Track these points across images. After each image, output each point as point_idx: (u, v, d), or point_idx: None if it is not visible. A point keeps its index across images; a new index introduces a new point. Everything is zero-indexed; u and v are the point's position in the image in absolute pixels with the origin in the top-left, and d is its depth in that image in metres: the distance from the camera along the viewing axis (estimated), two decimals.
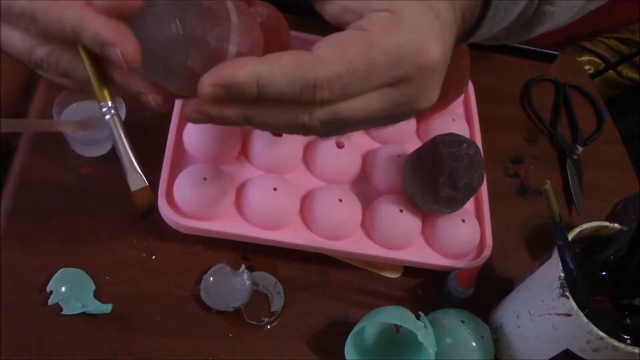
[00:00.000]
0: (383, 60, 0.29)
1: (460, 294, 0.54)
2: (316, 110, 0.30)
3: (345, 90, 0.29)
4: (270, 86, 0.28)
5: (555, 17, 0.38)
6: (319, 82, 0.28)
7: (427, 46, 0.30)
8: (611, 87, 1.11)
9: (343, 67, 0.28)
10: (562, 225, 0.45)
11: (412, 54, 0.30)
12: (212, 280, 0.51)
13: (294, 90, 0.28)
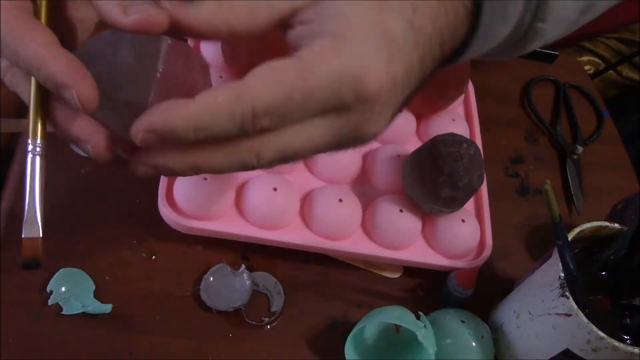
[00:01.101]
0: (318, 88, 0.28)
1: (460, 294, 0.54)
2: (262, 151, 0.30)
3: (284, 118, 0.29)
4: (210, 126, 0.28)
5: (548, 34, 0.37)
6: (257, 111, 0.28)
7: (368, 75, 0.29)
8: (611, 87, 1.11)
9: (279, 97, 0.28)
10: (562, 225, 0.45)
11: (350, 82, 0.29)
12: (212, 280, 0.51)
13: (235, 123, 0.28)
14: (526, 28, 0.36)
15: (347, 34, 0.29)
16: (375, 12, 0.30)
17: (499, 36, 0.36)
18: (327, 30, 0.29)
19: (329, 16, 0.29)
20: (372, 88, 0.29)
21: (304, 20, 0.30)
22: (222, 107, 0.27)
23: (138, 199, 0.55)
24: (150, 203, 0.52)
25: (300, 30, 0.30)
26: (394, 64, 0.30)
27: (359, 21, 0.29)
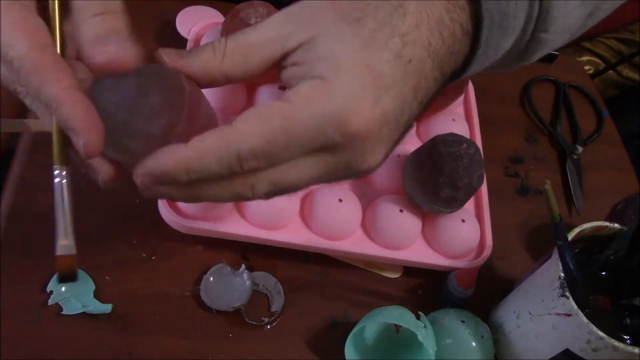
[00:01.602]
0: (302, 130, 0.29)
1: (460, 294, 0.54)
2: (256, 184, 0.31)
3: (271, 158, 0.30)
4: (200, 170, 0.30)
5: (552, 43, 0.38)
6: (243, 155, 0.29)
7: (352, 115, 0.30)
8: (611, 87, 1.11)
9: (263, 139, 0.29)
10: (562, 225, 0.45)
11: (335, 123, 0.30)
12: (212, 280, 0.51)
13: (223, 166, 0.30)
14: (529, 39, 0.36)
15: (333, 75, 0.30)
16: (362, 51, 0.30)
17: (502, 49, 0.36)
18: (315, 73, 0.30)
19: (317, 58, 0.30)
20: (358, 127, 0.30)
21: (295, 61, 0.31)
22: (211, 152, 0.29)
23: (138, 199, 0.55)
24: (150, 203, 0.52)
25: (291, 71, 0.32)
26: (382, 99, 0.31)
27: (344, 62, 0.30)
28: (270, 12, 0.55)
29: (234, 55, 0.32)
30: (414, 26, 0.32)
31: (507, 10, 0.34)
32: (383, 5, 0.31)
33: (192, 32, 0.62)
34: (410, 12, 0.32)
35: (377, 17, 0.31)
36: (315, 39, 0.31)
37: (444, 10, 0.33)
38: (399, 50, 0.31)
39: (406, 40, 0.31)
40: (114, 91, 0.31)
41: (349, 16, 0.31)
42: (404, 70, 0.31)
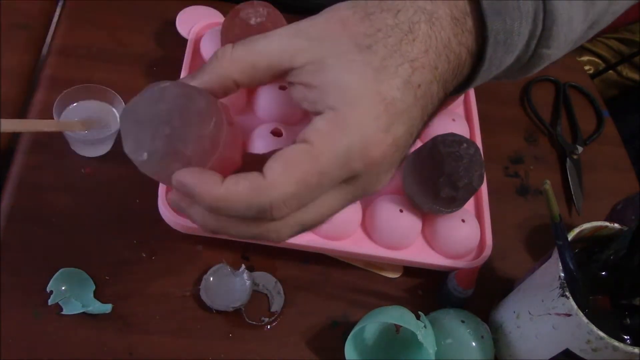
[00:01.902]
0: (330, 168, 0.31)
1: (460, 294, 0.54)
2: (283, 228, 0.32)
3: (301, 202, 0.31)
4: (228, 210, 0.31)
5: (553, 57, 0.38)
6: (274, 204, 0.30)
7: (371, 144, 0.31)
8: (611, 87, 1.11)
9: (295, 187, 0.30)
10: (562, 225, 0.45)
11: (357, 155, 0.31)
12: (212, 280, 0.51)
13: (251, 213, 0.31)
14: (531, 54, 0.37)
15: (346, 107, 0.31)
16: (373, 80, 0.31)
17: (504, 65, 0.36)
18: (328, 102, 0.31)
19: (328, 85, 0.31)
20: (375, 155, 0.31)
21: (305, 82, 0.32)
22: (241, 199, 0.30)
23: (138, 199, 0.55)
24: (150, 203, 0.52)
25: (302, 92, 0.32)
26: (394, 126, 0.32)
27: (357, 92, 0.31)
28: (270, 12, 0.55)
29: (242, 61, 0.33)
30: (423, 51, 0.32)
31: (512, 29, 0.34)
32: (393, 31, 0.32)
33: (192, 32, 0.62)
34: (419, 38, 0.32)
35: (387, 44, 0.31)
36: (325, 62, 0.31)
37: (452, 34, 0.33)
38: (408, 76, 0.32)
39: (415, 65, 0.32)
40: (162, 100, 0.32)
41: (360, 43, 0.31)
42: (414, 95, 0.32)
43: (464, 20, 0.34)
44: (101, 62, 0.63)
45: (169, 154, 0.31)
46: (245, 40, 0.33)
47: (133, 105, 0.32)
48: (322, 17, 0.33)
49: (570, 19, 0.36)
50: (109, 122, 0.55)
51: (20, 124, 0.52)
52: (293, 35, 0.32)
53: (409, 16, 0.32)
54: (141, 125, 0.32)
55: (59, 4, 0.69)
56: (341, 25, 0.32)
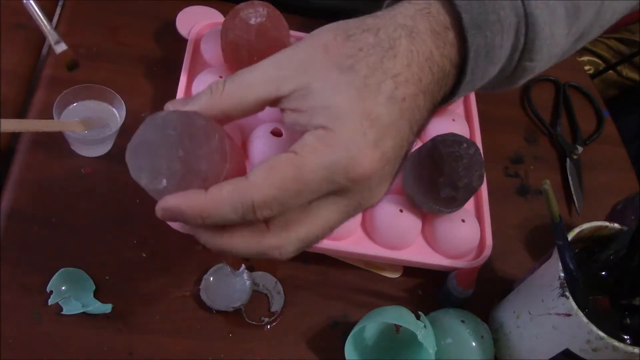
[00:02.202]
0: (312, 178, 0.31)
1: (460, 294, 0.54)
2: (285, 246, 0.33)
3: (283, 206, 0.32)
4: (215, 215, 0.32)
5: (537, 69, 0.39)
6: (256, 205, 0.31)
7: (356, 161, 0.32)
8: (611, 87, 1.11)
9: (276, 190, 0.31)
10: (562, 225, 0.45)
11: (342, 171, 0.32)
12: (212, 280, 0.51)
13: (237, 215, 0.32)
14: (515, 66, 0.38)
15: (334, 125, 0.32)
16: (357, 98, 0.32)
17: (488, 76, 0.37)
18: (316, 122, 0.32)
19: (316, 107, 0.32)
20: (363, 171, 0.32)
21: (295, 108, 0.33)
22: (226, 201, 0.32)
23: (138, 199, 0.55)
24: (150, 203, 0.52)
25: (292, 117, 0.34)
26: (381, 141, 0.33)
27: (343, 111, 0.32)
28: (270, 12, 0.55)
29: (232, 96, 0.34)
30: (405, 65, 0.33)
31: (494, 43, 0.35)
32: (375, 49, 0.33)
33: (192, 32, 0.62)
34: (401, 53, 0.33)
35: (368, 63, 0.32)
36: (310, 87, 0.32)
37: (434, 46, 0.34)
38: (392, 91, 0.33)
39: (398, 80, 0.33)
40: (167, 127, 0.33)
41: (342, 64, 0.32)
42: (399, 108, 0.33)
43: (444, 33, 0.35)
44: (101, 62, 0.63)
45: (186, 175, 0.32)
46: (235, 76, 0.34)
47: (138, 140, 0.33)
48: (304, 44, 0.34)
49: (552, 34, 0.37)
50: (109, 122, 0.55)
51: (20, 124, 0.52)
52: (277, 65, 0.34)
53: (389, 33, 0.33)
54: (154, 155, 0.32)
55: (59, 4, 0.69)
56: (323, 49, 0.33)
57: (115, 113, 0.56)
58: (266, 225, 0.33)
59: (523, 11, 0.35)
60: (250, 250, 0.34)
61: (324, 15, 0.49)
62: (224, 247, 0.34)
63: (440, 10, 0.35)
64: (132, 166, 0.33)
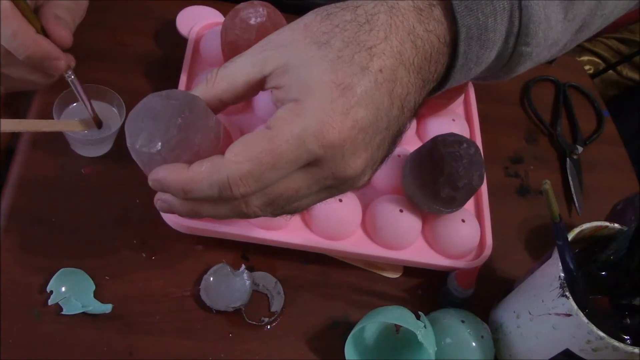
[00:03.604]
0: (286, 149, 0.32)
1: (460, 294, 0.54)
2: (250, 199, 0.34)
3: (259, 181, 0.33)
4: (194, 191, 0.34)
5: (535, 57, 0.39)
6: (232, 181, 0.33)
7: (326, 127, 0.32)
8: (611, 87, 1.11)
9: (250, 164, 0.32)
10: (562, 225, 0.45)
11: (312, 137, 0.32)
12: (212, 280, 0.51)
13: (214, 191, 0.33)
14: (511, 52, 0.38)
15: (305, 96, 0.33)
16: (329, 70, 0.33)
17: (483, 62, 0.37)
18: (290, 96, 0.33)
19: (291, 82, 0.34)
20: (333, 137, 0.32)
21: (275, 85, 0.35)
22: (203, 177, 0.33)
23: (138, 199, 0.55)
24: (150, 203, 0.52)
25: (275, 94, 0.35)
26: (352, 110, 0.33)
27: (313, 82, 0.33)
28: (270, 12, 0.55)
29: (222, 82, 0.36)
30: (382, 38, 0.34)
31: (486, 25, 0.35)
32: (350, 25, 0.34)
33: (192, 32, 0.62)
34: (377, 27, 0.34)
35: (343, 37, 0.33)
36: (289, 64, 0.34)
37: (416, 21, 0.34)
38: (366, 62, 0.33)
39: (374, 52, 0.33)
40: (171, 97, 0.35)
41: (318, 40, 0.34)
42: (375, 79, 0.33)
43: (429, 9, 0.35)
44: (101, 62, 0.63)
45: (181, 142, 0.34)
46: (227, 62, 0.36)
47: (141, 106, 0.35)
48: (288, 26, 0.35)
49: (547, 16, 0.36)
50: (109, 122, 0.55)
51: (20, 124, 0.52)
52: (261, 47, 0.35)
53: (368, 9, 0.34)
54: (154, 118, 0.34)
55: None
56: (304, 28, 0.34)
57: (115, 113, 0.56)
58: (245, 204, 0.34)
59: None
60: (220, 210, 0.35)
61: None
62: (198, 211, 0.36)
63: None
64: (131, 129, 0.35)
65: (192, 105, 0.35)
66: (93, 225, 0.53)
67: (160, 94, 0.35)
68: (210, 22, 0.64)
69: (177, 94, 0.35)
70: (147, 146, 0.34)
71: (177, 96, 0.35)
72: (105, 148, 0.56)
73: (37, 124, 0.54)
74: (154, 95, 0.35)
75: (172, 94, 0.35)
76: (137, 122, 0.35)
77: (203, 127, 0.35)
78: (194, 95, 0.36)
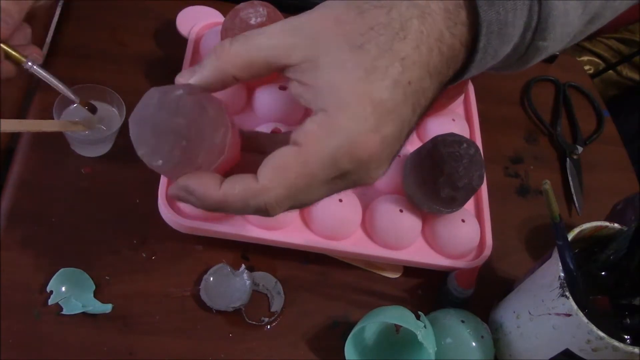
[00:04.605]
0: (319, 170, 0.33)
1: (460, 294, 0.54)
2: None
3: (294, 200, 0.34)
4: (226, 209, 0.34)
5: (551, 49, 0.38)
6: (268, 205, 0.33)
7: (358, 144, 0.32)
8: (611, 87, 1.11)
9: (286, 190, 0.33)
10: (562, 225, 0.45)
11: (345, 155, 0.32)
12: (212, 280, 0.51)
13: (249, 210, 0.34)
14: (527, 46, 0.37)
15: (336, 109, 0.32)
16: (363, 80, 0.32)
17: (500, 55, 0.37)
18: (320, 104, 0.33)
19: (322, 88, 0.33)
20: (363, 154, 0.33)
21: (301, 80, 0.33)
22: (237, 200, 0.34)
23: (138, 199, 0.55)
24: (150, 203, 0.52)
25: (298, 89, 0.34)
26: (382, 126, 0.33)
27: (347, 93, 0.32)
28: (270, 12, 0.55)
29: (240, 56, 0.34)
30: (414, 47, 0.33)
31: (506, 19, 0.34)
32: (386, 29, 0.32)
33: (192, 32, 0.62)
34: (410, 34, 0.33)
35: (379, 43, 0.32)
36: (318, 61, 0.32)
37: (445, 26, 0.34)
38: (399, 74, 0.33)
39: (406, 63, 0.33)
40: (178, 113, 0.33)
41: (352, 41, 0.32)
42: (404, 92, 0.33)
43: (457, 12, 0.34)
44: (101, 62, 0.63)
45: (182, 162, 0.34)
46: (242, 36, 0.34)
47: (147, 114, 0.33)
48: (317, 13, 0.33)
49: (566, 11, 0.36)
50: (109, 122, 0.55)
51: (20, 124, 0.52)
52: (289, 32, 0.33)
53: (402, 11, 0.33)
54: (158, 136, 0.33)
55: (59, 4, 0.69)
56: (335, 22, 0.33)
57: (115, 113, 0.56)
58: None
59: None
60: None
61: None
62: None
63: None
64: (135, 135, 0.34)
65: (200, 124, 0.34)
66: (93, 225, 0.53)
67: (169, 104, 0.33)
68: (210, 22, 0.64)
69: (187, 107, 0.33)
70: (149, 158, 0.34)
71: (186, 111, 0.33)
72: (105, 148, 0.56)
73: (37, 124, 0.54)
74: (160, 102, 0.33)
75: (182, 108, 0.33)
76: (141, 131, 0.34)
77: (208, 147, 0.34)
78: (203, 103, 0.34)
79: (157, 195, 0.51)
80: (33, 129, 0.53)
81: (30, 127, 0.52)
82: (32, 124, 0.54)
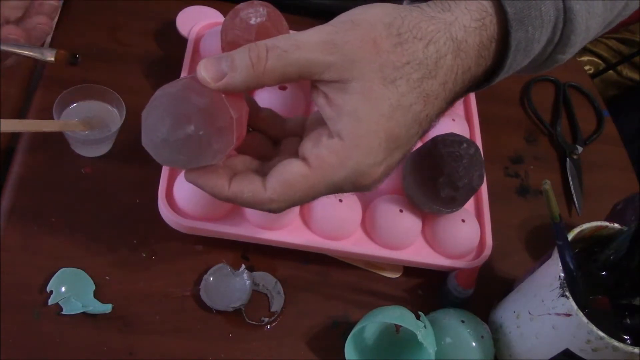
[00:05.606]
0: (324, 191, 0.36)
1: (460, 294, 0.54)
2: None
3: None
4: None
5: (566, 59, 0.40)
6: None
7: (364, 175, 0.35)
8: (611, 87, 1.11)
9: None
10: (562, 225, 0.45)
11: (350, 183, 0.35)
12: (212, 280, 0.51)
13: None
14: (546, 58, 0.39)
15: (351, 141, 0.34)
16: (385, 119, 0.33)
17: (521, 64, 0.38)
18: (339, 129, 0.34)
19: (344, 113, 0.34)
20: (366, 183, 0.36)
21: (327, 95, 0.34)
22: (244, 200, 0.36)
23: (138, 199, 0.55)
24: (150, 203, 0.52)
25: (322, 102, 0.35)
26: (390, 158, 0.35)
27: (367, 129, 0.33)
28: (270, 12, 0.55)
29: (275, 73, 0.34)
30: (441, 83, 0.34)
31: (533, 37, 0.36)
32: (419, 66, 0.33)
33: (192, 32, 0.62)
34: (440, 74, 0.34)
35: (410, 80, 0.33)
36: (350, 84, 0.33)
37: (475, 63, 0.35)
38: (419, 111, 0.34)
39: (429, 100, 0.34)
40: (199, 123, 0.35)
41: (386, 75, 0.33)
42: (419, 125, 0.35)
43: (489, 45, 0.35)
44: (101, 62, 0.63)
45: (193, 166, 0.37)
46: (279, 50, 0.33)
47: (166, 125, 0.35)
48: (358, 33, 0.33)
49: (588, 28, 0.37)
50: (109, 122, 0.55)
51: (20, 124, 0.52)
52: (328, 49, 0.33)
53: (439, 47, 0.34)
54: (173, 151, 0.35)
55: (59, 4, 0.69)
56: (373, 45, 0.33)
57: (115, 113, 0.56)
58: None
59: (563, 6, 0.36)
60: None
61: (323, 15, 0.49)
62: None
63: (494, 20, 0.35)
64: (149, 143, 0.35)
65: (214, 136, 0.35)
66: (93, 225, 0.53)
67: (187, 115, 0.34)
68: (210, 22, 0.64)
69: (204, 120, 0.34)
70: (162, 163, 0.36)
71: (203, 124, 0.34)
72: (105, 148, 0.56)
73: (37, 124, 0.54)
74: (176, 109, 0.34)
75: (200, 121, 0.34)
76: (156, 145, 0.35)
77: (219, 148, 0.36)
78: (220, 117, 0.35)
79: (157, 195, 0.51)
80: (33, 129, 0.53)
81: (30, 127, 0.52)
82: (32, 124, 0.54)
